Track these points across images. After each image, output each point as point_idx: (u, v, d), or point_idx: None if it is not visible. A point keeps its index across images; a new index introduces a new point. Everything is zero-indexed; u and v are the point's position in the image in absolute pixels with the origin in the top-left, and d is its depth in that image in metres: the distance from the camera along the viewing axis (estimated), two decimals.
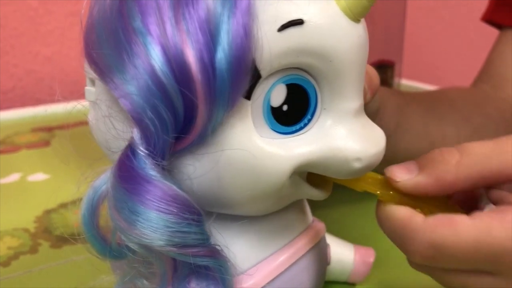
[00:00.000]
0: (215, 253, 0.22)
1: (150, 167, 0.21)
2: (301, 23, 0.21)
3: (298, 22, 0.21)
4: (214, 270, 0.22)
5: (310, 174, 0.25)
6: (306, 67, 0.22)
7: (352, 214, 0.47)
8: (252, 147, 0.22)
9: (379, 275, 0.38)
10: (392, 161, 0.45)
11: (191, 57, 0.20)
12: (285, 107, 0.23)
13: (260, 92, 0.22)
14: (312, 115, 0.23)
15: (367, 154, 0.23)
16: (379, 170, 0.25)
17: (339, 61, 0.22)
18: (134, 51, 0.20)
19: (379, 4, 0.60)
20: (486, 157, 0.23)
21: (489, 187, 0.24)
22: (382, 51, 0.66)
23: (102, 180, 0.23)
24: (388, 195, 0.25)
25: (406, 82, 0.89)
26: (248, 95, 0.22)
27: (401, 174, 0.24)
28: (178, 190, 0.21)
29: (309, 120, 0.23)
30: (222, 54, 0.20)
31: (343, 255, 0.35)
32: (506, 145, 0.23)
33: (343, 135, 0.23)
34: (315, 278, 0.29)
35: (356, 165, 0.23)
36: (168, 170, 0.22)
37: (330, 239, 0.33)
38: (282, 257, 0.26)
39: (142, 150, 0.21)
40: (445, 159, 0.23)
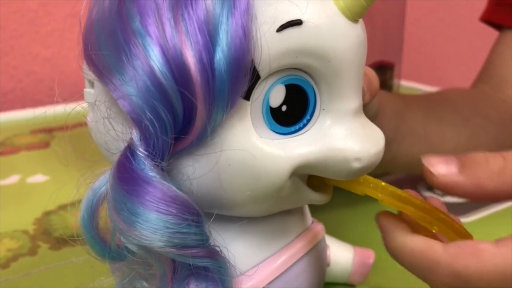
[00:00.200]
0: (214, 254, 0.22)
1: (149, 168, 0.21)
2: (300, 23, 0.21)
3: (296, 22, 0.21)
4: (213, 271, 0.22)
5: (310, 178, 0.25)
6: (305, 68, 0.22)
7: (351, 216, 0.47)
8: (251, 147, 0.22)
9: (379, 277, 0.38)
10: (392, 164, 0.46)
11: (190, 58, 0.20)
12: (284, 108, 0.23)
13: (259, 93, 0.22)
14: (311, 116, 0.23)
15: (366, 154, 0.23)
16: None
17: (338, 61, 0.22)
18: (133, 52, 0.20)
19: (378, 5, 0.60)
20: None
21: None
22: (381, 52, 0.66)
23: (101, 182, 0.23)
24: (389, 200, 0.24)
25: (406, 83, 0.89)
26: (247, 96, 0.22)
27: (440, 168, 0.23)
28: (178, 191, 0.21)
29: (308, 121, 0.23)
30: (221, 55, 0.20)
31: (342, 257, 0.35)
32: None
33: (342, 135, 0.23)
34: (314, 279, 0.29)
35: (355, 165, 0.23)
36: (167, 171, 0.22)
37: (329, 241, 0.33)
38: (282, 258, 0.26)
39: (141, 151, 0.21)
40: (489, 164, 0.22)
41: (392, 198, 0.24)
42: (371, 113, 0.36)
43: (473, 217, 0.47)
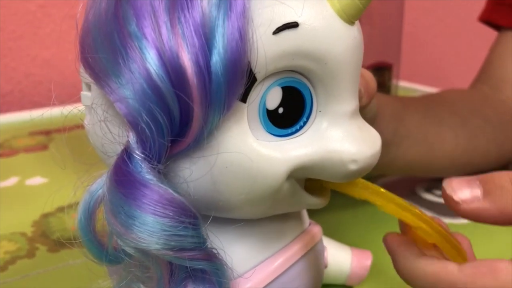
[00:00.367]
0: (211, 257, 0.22)
1: (146, 171, 0.21)
2: (296, 26, 0.21)
3: (293, 25, 0.21)
4: (210, 273, 0.22)
5: (309, 181, 0.25)
6: (301, 70, 0.22)
7: (349, 217, 0.47)
8: (248, 150, 0.22)
9: (377, 278, 0.38)
10: (391, 167, 0.46)
11: (187, 61, 0.20)
12: (280, 110, 0.23)
13: (255, 95, 0.22)
14: (308, 118, 0.23)
15: (363, 156, 0.23)
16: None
17: (334, 63, 0.22)
18: (130, 55, 0.20)
19: (376, 5, 0.60)
20: None
21: None
22: (379, 53, 0.66)
23: (98, 185, 0.23)
24: (388, 207, 0.24)
25: (404, 84, 0.89)
26: (243, 98, 0.22)
27: (463, 193, 0.22)
28: (175, 194, 0.21)
29: (305, 123, 0.23)
30: (217, 58, 0.20)
31: (340, 258, 0.35)
32: None
33: (339, 137, 0.23)
34: (312, 281, 0.29)
35: (352, 167, 0.23)
36: (164, 174, 0.22)
37: (327, 242, 0.33)
38: (279, 260, 0.26)
39: (138, 154, 0.21)
40: None
41: (392, 204, 0.24)
42: (370, 115, 0.36)
43: None
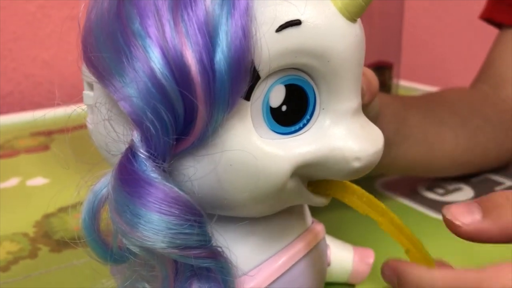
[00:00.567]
0: (216, 255, 0.22)
1: (151, 169, 0.21)
2: (299, 23, 0.21)
3: (295, 22, 0.21)
4: (215, 271, 0.22)
5: (310, 186, 0.25)
6: (304, 68, 0.22)
7: (351, 216, 0.46)
8: (252, 147, 0.22)
9: (379, 276, 0.38)
10: (392, 166, 0.46)
11: (191, 59, 0.20)
12: (284, 108, 0.23)
13: (259, 93, 0.22)
14: (311, 115, 0.23)
15: (366, 153, 0.23)
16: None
17: (337, 61, 0.22)
18: (134, 54, 0.20)
19: (377, 5, 0.60)
20: None
21: None
22: (380, 53, 0.66)
23: (102, 184, 0.23)
24: (387, 225, 0.25)
25: (405, 83, 0.89)
26: (247, 96, 0.22)
27: (463, 217, 0.22)
28: (180, 192, 0.21)
29: (308, 121, 0.23)
30: (221, 56, 0.20)
31: (342, 256, 0.35)
32: None
33: (342, 135, 0.23)
34: (315, 279, 0.29)
35: (355, 165, 0.23)
36: (169, 172, 0.22)
37: (329, 240, 0.33)
38: (283, 259, 0.26)
39: (142, 153, 0.21)
40: None
41: (391, 225, 0.25)
42: (372, 114, 0.36)
43: None
